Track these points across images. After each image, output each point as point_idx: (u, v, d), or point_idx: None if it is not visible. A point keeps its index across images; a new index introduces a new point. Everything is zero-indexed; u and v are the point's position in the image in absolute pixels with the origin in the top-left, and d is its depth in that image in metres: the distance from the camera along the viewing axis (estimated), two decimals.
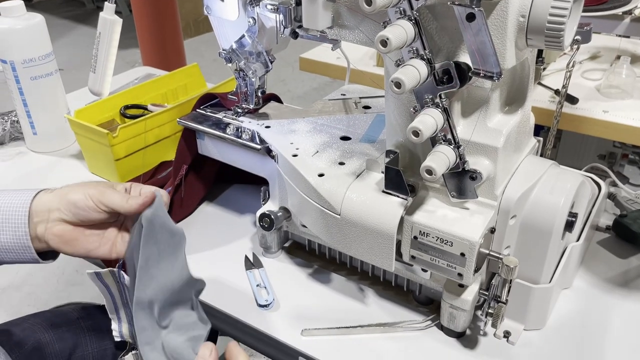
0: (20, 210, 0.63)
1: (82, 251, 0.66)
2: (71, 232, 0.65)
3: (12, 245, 0.63)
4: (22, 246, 0.63)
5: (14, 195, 0.64)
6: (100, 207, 0.64)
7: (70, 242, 0.65)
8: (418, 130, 0.56)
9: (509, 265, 0.60)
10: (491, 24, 0.55)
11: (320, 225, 0.71)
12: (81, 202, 0.64)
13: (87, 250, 0.66)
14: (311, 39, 0.70)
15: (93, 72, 0.90)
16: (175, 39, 2.40)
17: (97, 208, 0.64)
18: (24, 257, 0.65)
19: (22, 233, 0.63)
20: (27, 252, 0.64)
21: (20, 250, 0.64)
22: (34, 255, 0.64)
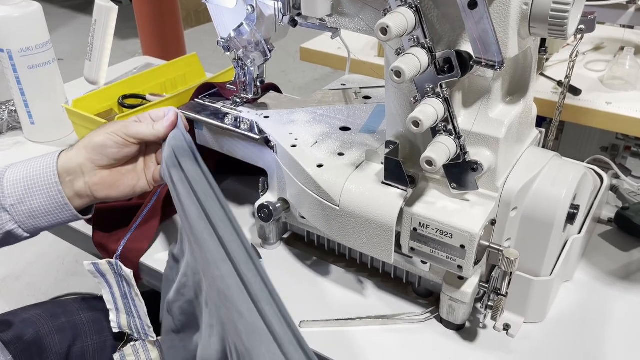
0: (48, 172, 0.64)
1: (127, 190, 0.68)
2: (110, 175, 0.67)
3: (48, 208, 0.64)
4: (59, 205, 0.64)
5: (37, 161, 0.65)
6: (129, 140, 0.66)
7: (114, 185, 0.67)
8: (418, 121, 0.55)
9: (510, 258, 0.60)
10: (493, 12, 0.54)
11: (319, 216, 0.70)
12: (109, 141, 0.65)
13: (132, 187, 0.69)
14: (310, 27, 0.69)
15: (89, 61, 0.89)
16: (176, 29, 2.39)
17: (126, 142, 0.66)
18: (63, 217, 0.66)
19: (56, 192, 0.64)
20: (65, 211, 0.65)
21: (57, 211, 0.65)
22: (73, 211, 0.65)
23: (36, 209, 0.64)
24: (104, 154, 0.65)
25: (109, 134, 0.66)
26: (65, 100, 1.07)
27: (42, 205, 0.64)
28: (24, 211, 0.64)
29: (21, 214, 0.64)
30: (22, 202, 0.64)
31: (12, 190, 0.64)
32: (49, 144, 1.07)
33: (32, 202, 0.64)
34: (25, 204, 0.64)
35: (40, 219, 0.65)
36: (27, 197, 0.64)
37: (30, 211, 0.64)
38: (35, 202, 0.64)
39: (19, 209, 0.64)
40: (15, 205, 0.64)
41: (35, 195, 0.64)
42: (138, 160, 0.70)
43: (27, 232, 0.66)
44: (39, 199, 0.64)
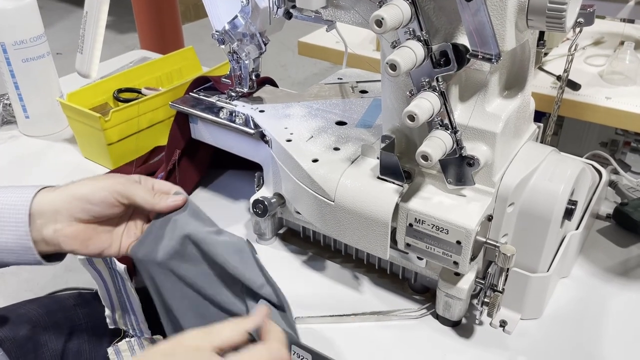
0: (21, 209, 0.58)
1: (95, 250, 0.61)
2: (84, 231, 0.60)
3: (13, 246, 0.59)
4: (23, 247, 0.58)
5: (14, 192, 0.59)
6: (120, 200, 0.59)
7: (84, 242, 0.60)
8: (414, 115, 0.54)
9: (506, 254, 0.59)
10: (490, 4, 0.53)
11: (315, 211, 0.69)
12: (96, 197, 0.59)
13: (101, 249, 0.62)
14: (305, 20, 0.68)
15: (80, 53, 0.87)
16: (174, 23, 2.38)
17: (115, 202, 0.59)
18: (26, 259, 0.59)
19: (23, 233, 0.58)
20: (28, 254, 0.59)
21: (21, 251, 0.59)
22: (36, 256, 0.59)
23: (3, 244, 0.58)
24: (84, 209, 0.59)
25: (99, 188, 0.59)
26: (60, 94, 1.06)
27: (9, 242, 0.58)
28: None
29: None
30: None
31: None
32: (44, 138, 1.06)
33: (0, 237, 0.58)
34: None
35: (5, 254, 0.59)
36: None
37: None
38: (2, 237, 0.58)
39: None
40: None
41: (3, 231, 0.58)
42: (119, 224, 0.63)
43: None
44: (6, 235, 0.58)
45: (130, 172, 0.92)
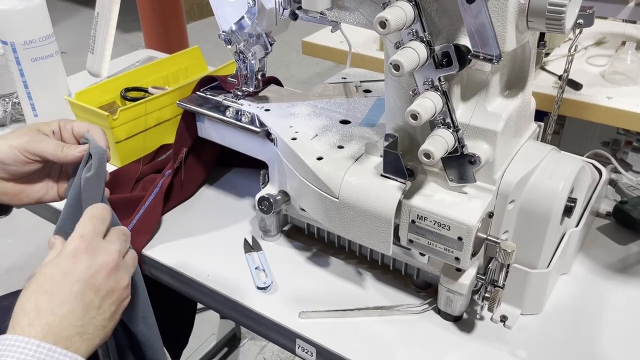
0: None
1: (31, 201, 0.65)
2: (14, 186, 0.63)
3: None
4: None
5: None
6: (31, 157, 0.61)
7: (17, 196, 0.64)
8: (416, 114, 0.56)
9: (507, 250, 0.60)
10: (491, 6, 0.54)
11: (319, 208, 0.71)
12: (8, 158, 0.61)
13: (37, 198, 0.65)
14: (311, 21, 0.69)
15: (91, 53, 0.89)
16: (178, 22, 2.39)
17: (27, 160, 0.61)
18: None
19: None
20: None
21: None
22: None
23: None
24: (3, 169, 0.62)
25: (10, 147, 0.61)
26: (68, 93, 1.07)
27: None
28: None
29: None
30: None
31: None
32: None
33: None
34: None
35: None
36: None
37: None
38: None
39: None
40: None
41: None
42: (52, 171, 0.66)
43: None
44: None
45: (137, 169, 0.93)
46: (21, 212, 1.06)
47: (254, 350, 1.64)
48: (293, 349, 0.69)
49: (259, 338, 1.67)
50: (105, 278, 0.54)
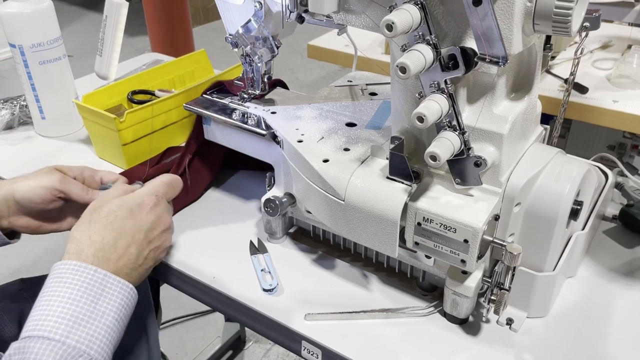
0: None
1: (49, 231, 0.71)
2: (33, 221, 0.69)
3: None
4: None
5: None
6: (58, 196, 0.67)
7: (37, 229, 0.70)
8: (423, 116, 0.56)
9: (513, 253, 0.60)
10: (498, 9, 0.54)
11: (325, 211, 0.71)
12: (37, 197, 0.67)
13: (54, 229, 0.71)
14: (317, 24, 0.70)
15: (100, 56, 0.90)
16: (184, 26, 2.40)
17: (53, 198, 0.67)
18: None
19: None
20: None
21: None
22: (5, 239, 0.69)
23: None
24: (27, 207, 0.67)
25: (40, 187, 0.66)
26: (75, 96, 1.08)
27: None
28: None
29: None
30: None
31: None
32: (60, 139, 1.08)
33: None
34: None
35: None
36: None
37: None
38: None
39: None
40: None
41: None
42: (66, 204, 0.71)
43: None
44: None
45: (143, 172, 0.94)
46: None
47: (258, 353, 1.64)
48: (299, 350, 0.69)
49: (263, 341, 1.67)
50: (158, 236, 0.62)
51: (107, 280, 0.54)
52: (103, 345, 0.52)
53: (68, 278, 0.53)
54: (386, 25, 0.52)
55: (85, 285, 0.53)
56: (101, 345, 0.52)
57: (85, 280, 0.53)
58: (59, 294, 0.52)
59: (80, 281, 0.53)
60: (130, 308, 0.57)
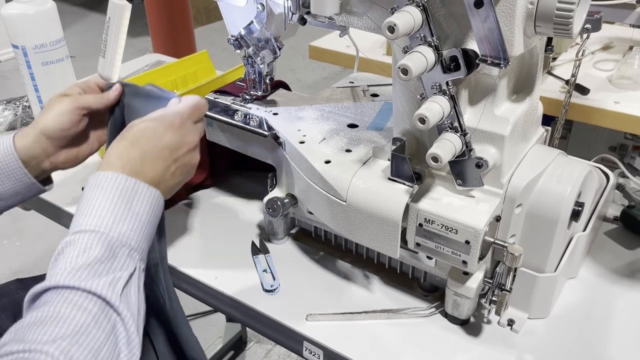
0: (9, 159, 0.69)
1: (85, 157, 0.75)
2: (70, 151, 0.73)
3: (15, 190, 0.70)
4: (26, 185, 0.70)
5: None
6: (82, 113, 0.70)
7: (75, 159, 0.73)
8: (424, 118, 0.56)
9: (514, 254, 0.60)
10: (499, 11, 0.54)
11: (326, 211, 0.71)
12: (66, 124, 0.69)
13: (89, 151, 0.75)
14: (319, 26, 0.70)
15: (103, 57, 0.90)
16: (186, 27, 2.41)
17: (79, 117, 0.70)
18: (31, 194, 0.72)
19: (22, 175, 0.69)
20: (32, 188, 0.71)
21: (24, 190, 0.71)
22: (40, 187, 0.72)
23: (3, 192, 0.70)
24: (64, 137, 0.70)
25: (62, 114, 0.69)
26: None
27: (10, 188, 0.70)
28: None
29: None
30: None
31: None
32: None
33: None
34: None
35: (8, 200, 0.71)
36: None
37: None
38: (2, 187, 0.69)
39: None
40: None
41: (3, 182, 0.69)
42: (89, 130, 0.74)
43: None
44: (6, 185, 0.69)
45: None
46: (29, 214, 1.07)
47: (260, 354, 1.65)
48: (300, 351, 0.69)
49: (265, 341, 1.67)
50: (184, 154, 0.65)
51: (138, 186, 0.59)
52: (140, 240, 0.58)
53: (103, 185, 0.58)
54: (388, 27, 0.53)
55: (119, 190, 0.58)
56: (139, 239, 0.57)
57: (119, 187, 0.58)
58: (97, 198, 0.57)
59: (115, 187, 0.58)
60: (158, 214, 0.62)
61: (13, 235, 2.13)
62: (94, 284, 0.51)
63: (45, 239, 2.09)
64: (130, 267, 0.55)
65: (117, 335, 0.51)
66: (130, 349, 0.52)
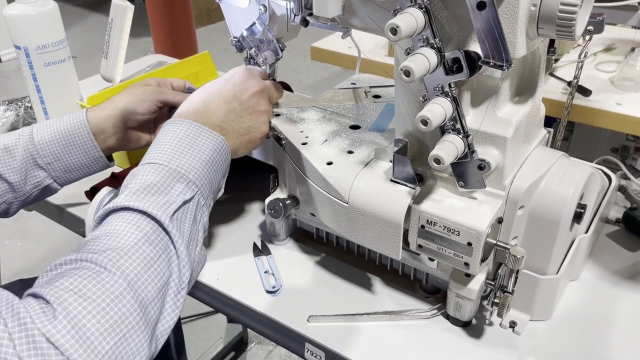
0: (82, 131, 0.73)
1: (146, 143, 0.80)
2: (135, 133, 0.78)
3: (83, 162, 0.75)
4: (94, 159, 0.75)
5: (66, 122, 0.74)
6: (159, 105, 0.77)
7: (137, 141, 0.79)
8: (427, 119, 0.56)
9: (516, 256, 0.60)
10: (502, 13, 0.54)
11: (328, 213, 0.71)
12: (141, 108, 0.75)
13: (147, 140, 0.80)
14: (322, 27, 0.70)
15: (105, 58, 0.91)
16: (188, 27, 2.41)
17: (156, 107, 0.77)
18: (96, 168, 0.77)
19: (91, 147, 0.74)
20: (99, 162, 0.76)
21: (91, 163, 0.76)
22: (106, 162, 0.77)
23: (72, 164, 0.74)
24: (134, 119, 0.75)
25: (143, 100, 0.75)
26: (80, 97, 1.08)
27: (78, 160, 0.74)
28: (60, 167, 0.74)
29: (57, 170, 0.74)
30: (58, 159, 0.73)
31: (48, 149, 0.73)
32: None
33: (68, 159, 0.74)
34: (62, 161, 0.74)
35: (74, 172, 0.75)
36: (64, 154, 0.73)
37: (66, 167, 0.74)
38: (71, 158, 0.74)
39: (55, 166, 0.74)
40: (52, 163, 0.73)
41: (71, 153, 0.74)
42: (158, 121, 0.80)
43: (61, 185, 0.76)
44: (75, 156, 0.74)
45: None
46: (30, 215, 1.08)
47: (261, 355, 1.65)
48: (302, 352, 0.69)
49: (266, 342, 1.67)
50: (249, 97, 0.69)
51: (201, 130, 0.63)
52: (199, 174, 0.60)
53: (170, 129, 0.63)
54: (391, 29, 0.53)
55: (182, 132, 0.62)
56: (198, 173, 0.60)
57: (182, 130, 0.62)
58: (163, 139, 0.61)
59: (178, 130, 0.62)
60: (221, 156, 0.64)
61: (14, 235, 2.13)
62: (146, 204, 0.54)
63: (46, 240, 2.09)
64: (186, 196, 0.58)
65: (170, 256, 0.54)
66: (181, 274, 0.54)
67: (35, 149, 0.72)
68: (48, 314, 0.44)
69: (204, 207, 0.61)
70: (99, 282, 0.47)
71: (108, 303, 0.47)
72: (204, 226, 0.61)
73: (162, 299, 0.52)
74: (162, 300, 0.52)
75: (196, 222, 0.59)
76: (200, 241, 0.60)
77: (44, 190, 0.75)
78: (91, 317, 0.45)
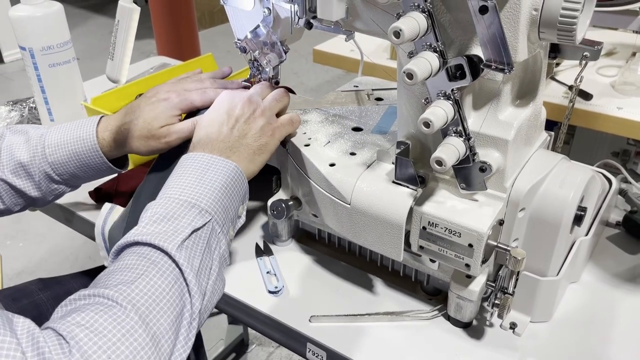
0: (95, 155, 0.75)
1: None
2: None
3: (98, 175, 0.79)
4: (108, 171, 0.78)
5: (77, 142, 0.75)
6: (173, 120, 0.75)
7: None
8: (429, 122, 0.57)
9: (517, 257, 0.61)
10: (504, 17, 0.55)
11: (331, 214, 0.72)
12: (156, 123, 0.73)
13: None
14: (325, 30, 0.71)
15: (111, 60, 0.91)
16: (190, 30, 2.42)
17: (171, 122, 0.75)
18: (110, 174, 0.80)
19: (106, 168, 0.77)
20: (113, 171, 0.79)
21: (106, 173, 0.79)
22: (121, 171, 0.80)
23: (88, 178, 0.78)
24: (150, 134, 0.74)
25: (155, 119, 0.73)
26: (84, 98, 1.09)
27: (94, 175, 0.78)
28: (77, 181, 0.79)
29: (75, 182, 0.78)
30: (75, 177, 0.77)
31: (63, 169, 0.75)
32: None
33: (84, 176, 0.77)
34: (79, 178, 0.77)
35: (91, 180, 0.79)
36: (79, 172, 0.76)
37: (83, 179, 0.79)
38: (87, 175, 0.77)
39: (72, 181, 0.78)
40: (69, 180, 0.77)
41: (87, 172, 0.76)
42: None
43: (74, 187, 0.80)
44: (90, 174, 0.77)
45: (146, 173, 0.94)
46: (32, 215, 1.08)
47: (261, 356, 1.65)
48: (304, 352, 0.69)
49: (267, 343, 1.68)
50: (240, 108, 0.70)
51: (211, 160, 0.65)
52: (212, 202, 0.61)
53: (182, 165, 0.65)
54: (394, 33, 0.53)
55: (194, 166, 0.64)
56: (210, 201, 0.60)
57: (194, 163, 0.64)
58: (174, 175, 0.63)
59: (190, 164, 0.64)
60: (235, 182, 0.65)
61: (16, 235, 2.14)
62: (152, 236, 0.55)
63: (48, 240, 2.10)
64: (197, 224, 0.58)
65: (182, 286, 0.53)
66: (192, 305, 0.53)
67: (51, 169, 0.75)
68: (64, 349, 0.45)
69: (220, 235, 0.61)
70: (111, 317, 0.48)
71: (119, 338, 0.47)
72: (221, 255, 0.60)
73: (176, 331, 0.51)
74: (176, 332, 0.51)
75: (210, 250, 0.58)
76: (216, 271, 0.59)
77: (58, 195, 0.79)
78: (101, 353, 0.45)
